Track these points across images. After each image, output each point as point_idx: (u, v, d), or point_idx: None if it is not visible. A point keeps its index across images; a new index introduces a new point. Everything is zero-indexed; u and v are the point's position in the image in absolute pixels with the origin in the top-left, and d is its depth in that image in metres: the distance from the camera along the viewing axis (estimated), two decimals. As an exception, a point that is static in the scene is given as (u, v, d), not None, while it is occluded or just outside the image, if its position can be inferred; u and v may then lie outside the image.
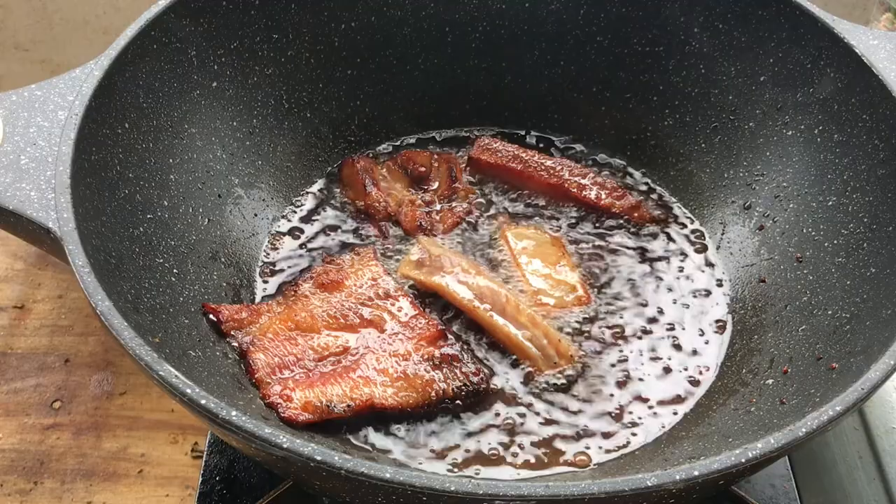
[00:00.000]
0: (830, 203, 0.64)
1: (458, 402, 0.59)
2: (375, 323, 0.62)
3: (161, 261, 0.58)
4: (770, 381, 0.58)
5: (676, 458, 0.55)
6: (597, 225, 0.72)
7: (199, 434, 0.67)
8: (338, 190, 0.74)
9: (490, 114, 0.79)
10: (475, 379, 0.59)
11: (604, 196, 0.72)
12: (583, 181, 0.73)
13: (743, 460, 0.41)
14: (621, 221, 0.72)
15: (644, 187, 0.76)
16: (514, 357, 0.62)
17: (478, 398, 0.59)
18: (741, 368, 0.62)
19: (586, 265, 0.69)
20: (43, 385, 0.70)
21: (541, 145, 0.79)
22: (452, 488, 0.39)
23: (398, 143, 0.78)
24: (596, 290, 0.67)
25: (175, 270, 0.59)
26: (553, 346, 0.61)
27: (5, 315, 0.75)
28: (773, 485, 0.62)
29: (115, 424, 0.68)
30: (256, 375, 0.57)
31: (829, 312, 0.59)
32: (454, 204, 0.73)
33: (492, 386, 0.60)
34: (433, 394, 0.58)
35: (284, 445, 0.40)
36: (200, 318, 0.58)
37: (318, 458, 0.40)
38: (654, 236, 0.72)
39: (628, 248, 0.71)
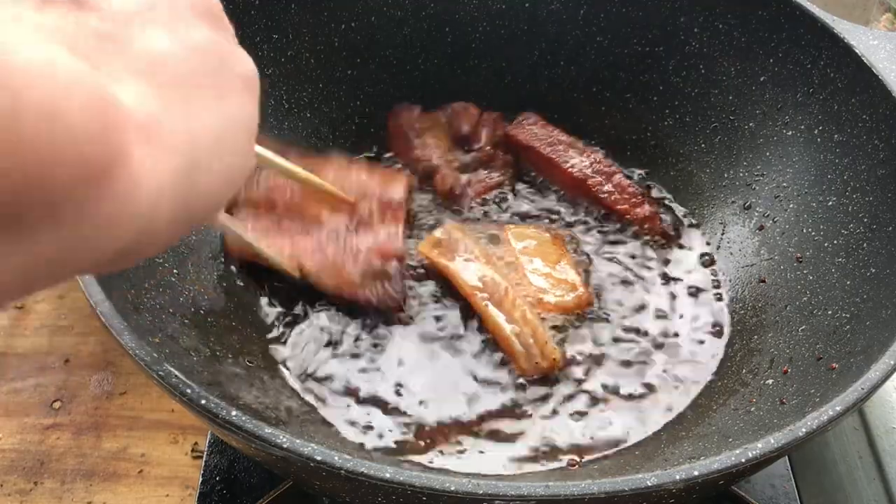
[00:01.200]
0: (830, 203, 0.64)
1: (367, 310, 0.62)
2: (362, 217, 0.65)
3: (161, 261, 0.58)
4: (770, 382, 0.58)
5: (676, 458, 0.55)
6: (605, 225, 0.72)
7: (199, 434, 0.67)
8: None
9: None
10: (390, 302, 0.62)
11: (621, 201, 0.72)
12: (605, 183, 0.72)
13: (743, 460, 0.41)
14: (628, 225, 0.72)
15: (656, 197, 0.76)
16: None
17: (381, 317, 0.63)
18: (741, 368, 0.62)
19: (588, 265, 0.69)
20: (43, 385, 0.70)
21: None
22: (452, 488, 0.39)
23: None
24: (596, 288, 0.67)
25: (175, 270, 0.59)
26: (539, 346, 0.61)
27: (5, 315, 0.75)
28: (773, 485, 0.62)
29: (115, 424, 0.68)
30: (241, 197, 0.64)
31: (829, 312, 0.59)
32: (488, 173, 0.73)
33: (406, 316, 0.63)
34: (346, 291, 0.61)
35: (284, 445, 0.40)
36: (201, 315, 0.58)
37: (318, 458, 0.40)
38: (659, 240, 0.71)
39: (631, 248, 0.71)
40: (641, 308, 0.67)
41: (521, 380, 0.61)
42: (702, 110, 0.74)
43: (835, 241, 0.62)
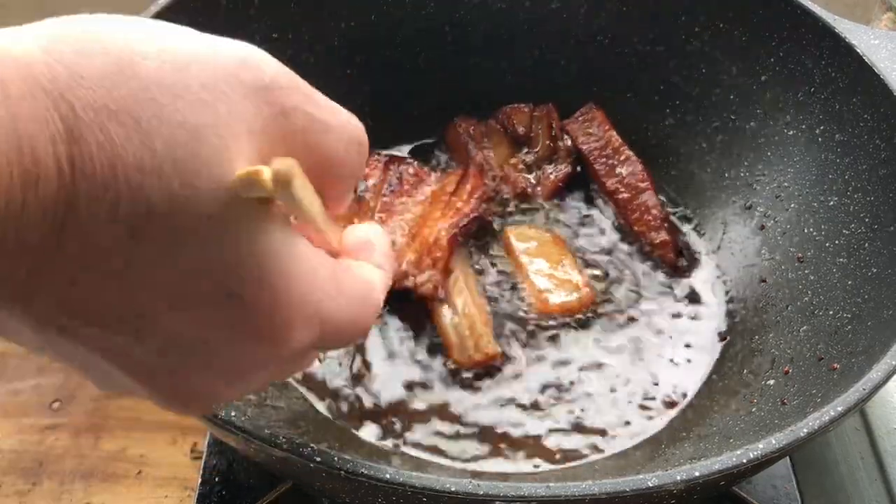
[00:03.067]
0: (832, 203, 0.64)
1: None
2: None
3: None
4: (771, 382, 0.58)
5: (677, 459, 0.54)
6: (623, 235, 0.72)
7: (198, 435, 0.67)
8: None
9: (489, 114, 0.79)
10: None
11: (640, 222, 0.71)
12: (632, 200, 0.71)
13: (744, 461, 0.41)
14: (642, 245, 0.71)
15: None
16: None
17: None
18: (742, 369, 0.61)
19: (591, 267, 0.69)
20: (42, 386, 0.70)
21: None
22: (452, 489, 0.39)
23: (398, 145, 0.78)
24: (599, 290, 0.67)
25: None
26: (473, 339, 0.62)
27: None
28: (775, 485, 0.62)
29: (114, 425, 0.68)
30: None
31: (831, 313, 0.59)
32: (554, 166, 0.73)
33: None
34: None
35: (284, 446, 0.40)
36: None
37: (318, 459, 0.40)
38: (664, 267, 0.70)
39: (634, 251, 0.70)
40: (643, 308, 0.66)
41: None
42: (703, 110, 0.73)
43: (836, 241, 0.62)
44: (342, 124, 0.31)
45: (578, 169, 0.74)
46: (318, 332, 0.29)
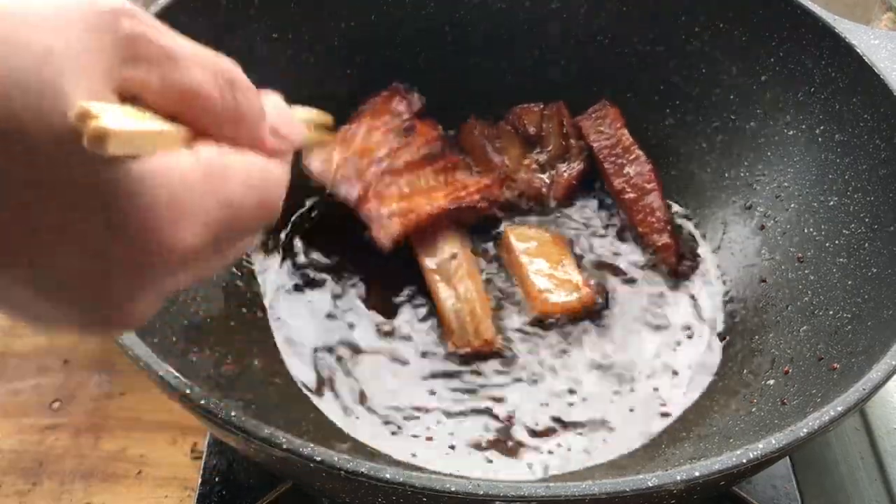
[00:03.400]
0: (832, 203, 0.64)
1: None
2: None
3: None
4: (771, 382, 0.58)
5: (677, 459, 0.54)
6: (616, 234, 0.72)
7: (198, 435, 0.67)
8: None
9: (490, 113, 0.79)
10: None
11: (644, 223, 0.71)
12: (637, 200, 0.71)
13: (744, 461, 0.41)
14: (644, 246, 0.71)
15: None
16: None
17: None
18: (742, 369, 0.61)
19: (592, 267, 0.69)
20: (42, 386, 0.70)
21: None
22: (452, 489, 0.39)
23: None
24: (600, 290, 0.67)
25: (174, 271, 0.58)
26: (473, 325, 0.62)
27: (4, 316, 0.75)
28: (775, 485, 0.62)
29: (114, 425, 0.68)
30: None
31: (831, 313, 0.59)
32: (567, 164, 0.73)
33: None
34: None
35: (284, 446, 0.40)
36: (200, 317, 0.58)
37: (318, 458, 0.40)
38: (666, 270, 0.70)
39: (636, 252, 0.70)
40: (643, 308, 0.66)
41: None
42: (703, 110, 0.73)
43: (836, 241, 0.62)
44: (197, 57, 0.31)
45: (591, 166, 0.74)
46: (213, 227, 0.30)
